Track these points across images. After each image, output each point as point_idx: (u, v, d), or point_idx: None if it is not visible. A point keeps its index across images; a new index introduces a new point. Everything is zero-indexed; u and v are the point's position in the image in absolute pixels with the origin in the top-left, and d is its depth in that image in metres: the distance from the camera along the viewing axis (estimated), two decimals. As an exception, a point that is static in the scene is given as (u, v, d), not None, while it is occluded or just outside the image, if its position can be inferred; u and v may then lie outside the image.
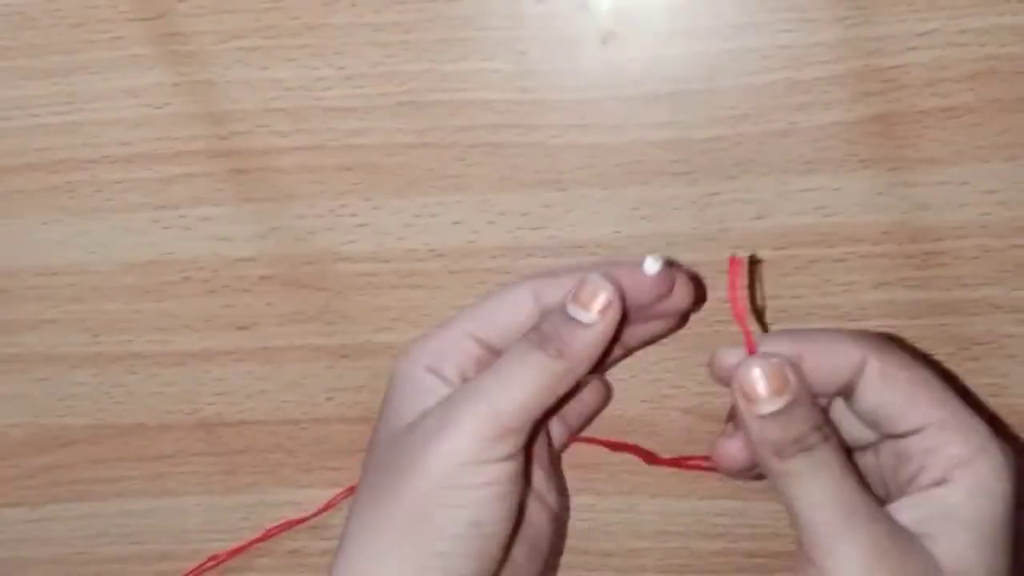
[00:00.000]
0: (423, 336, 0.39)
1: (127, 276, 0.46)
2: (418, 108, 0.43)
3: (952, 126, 0.41)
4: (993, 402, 0.44)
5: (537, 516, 0.40)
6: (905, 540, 0.32)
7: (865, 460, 0.37)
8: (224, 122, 0.44)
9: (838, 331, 0.36)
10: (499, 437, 0.34)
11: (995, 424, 0.44)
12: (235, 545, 0.47)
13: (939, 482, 0.33)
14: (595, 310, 0.35)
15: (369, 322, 0.45)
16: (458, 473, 0.34)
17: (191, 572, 0.48)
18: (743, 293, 0.41)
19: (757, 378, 0.33)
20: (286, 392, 0.46)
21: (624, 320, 0.36)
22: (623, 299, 0.36)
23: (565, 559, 0.46)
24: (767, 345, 0.35)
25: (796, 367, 0.34)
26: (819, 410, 0.34)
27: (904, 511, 0.33)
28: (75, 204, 0.45)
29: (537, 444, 0.41)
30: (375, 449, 0.37)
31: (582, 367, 0.36)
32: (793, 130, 0.42)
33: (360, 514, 0.36)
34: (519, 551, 0.38)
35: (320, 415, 0.46)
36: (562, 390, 0.36)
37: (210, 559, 0.47)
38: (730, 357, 0.35)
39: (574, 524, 0.46)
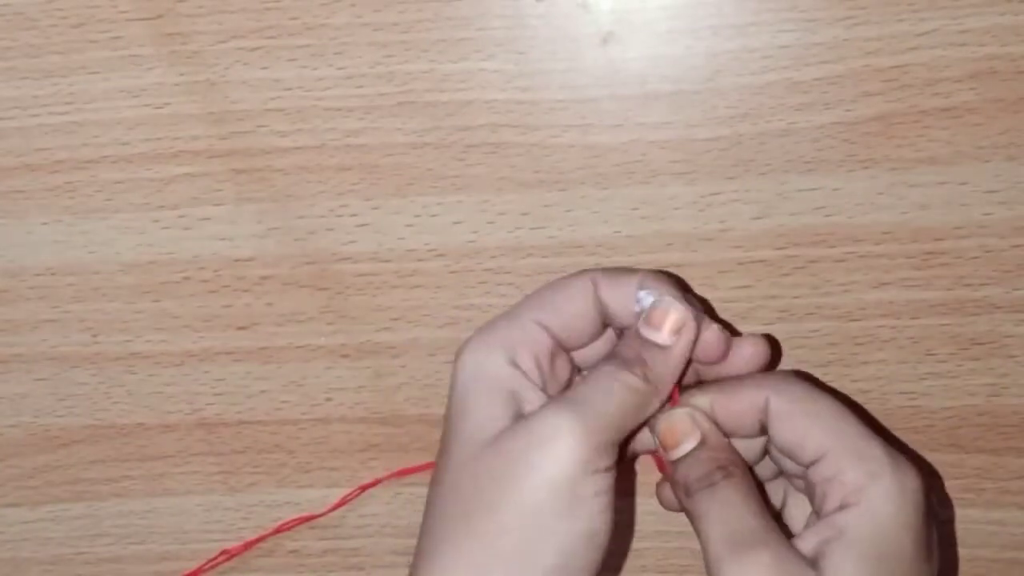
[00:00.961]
0: (489, 327, 0.37)
1: (127, 276, 0.46)
2: (418, 108, 0.43)
3: (952, 126, 0.41)
4: (993, 402, 0.44)
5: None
6: (797, 565, 0.33)
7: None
8: (224, 122, 0.44)
9: (745, 377, 0.38)
10: (604, 448, 0.35)
11: (993, 425, 0.44)
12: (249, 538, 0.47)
13: (839, 508, 0.34)
14: (668, 331, 0.36)
15: (369, 322, 0.45)
16: (570, 481, 0.34)
17: (204, 566, 0.48)
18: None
19: (673, 426, 0.37)
20: (286, 392, 0.46)
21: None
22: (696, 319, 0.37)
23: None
24: (686, 398, 0.38)
25: (703, 415, 0.37)
26: (726, 451, 0.37)
27: (809, 538, 0.34)
28: (75, 204, 0.45)
29: None
30: (461, 451, 0.35)
31: (666, 389, 0.37)
32: (793, 130, 0.42)
33: (449, 526, 0.35)
34: None
35: (320, 415, 0.46)
36: (651, 411, 0.37)
37: (221, 553, 0.47)
38: (658, 417, 0.37)
39: (574, 524, 0.46)
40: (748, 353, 0.38)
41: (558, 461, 0.34)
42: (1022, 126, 0.41)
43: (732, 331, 0.39)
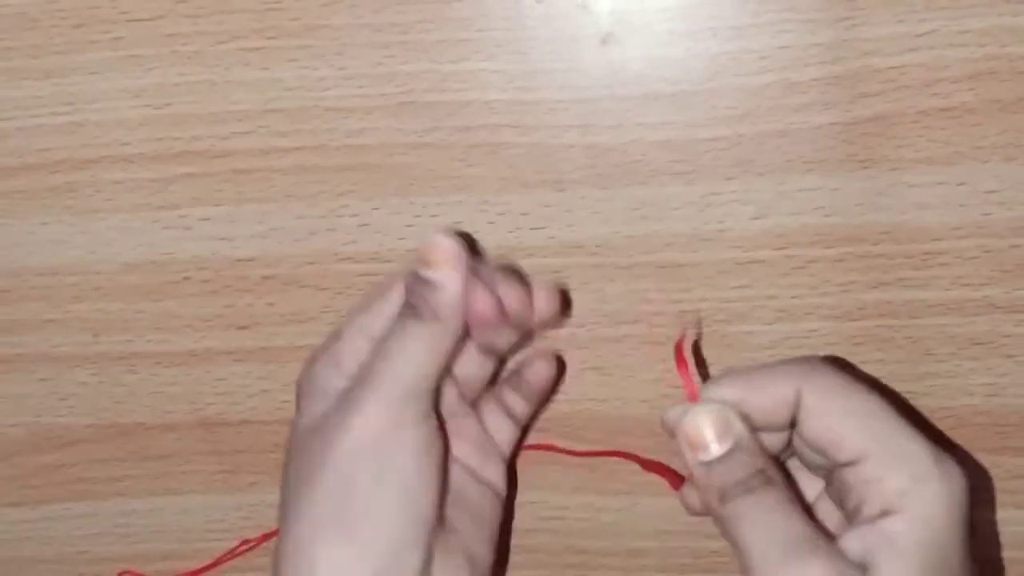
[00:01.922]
0: (319, 346, 0.40)
1: (128, 276, 0.46)
2: (418, 108, 0.43)
3: (951, 126, 0.41)
4: (992, 402, 0.44)
5: (484, 498, 0.41)
6: (849, 573, 0.32)
7: (828, 487, 0.37)
8: (225, 122, 0.44)
9: (776, 365, 0.36)
10: (407, 403, 0.37)
11: (992, 424, 0.44)
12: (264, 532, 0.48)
13: (882, 514, 0.33)
14: (442, 264, 0.37)
15: (369, 322, 0.45)
16: (374, 445, 0.36)
17: (223, 557, 0.48)
18: (688, 355, 0.43)
19: (701, 425, 0.35)
20: (287, 392, 0.46)
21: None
22: (466, 249, 0.38)
23: (565, 559, 0.46)
24: (709, 391, 0.36)
25: (738, 412, 0.35)
26: (763, 453, 0.35)
27: (851, 543, 0.33)
28: (76, 204, 0.45)
29: (460, 419, 0.42)
30: (292, 444, 0.39)
31: (457, 322, 0.38)
32: (792, 130, 0.42)
33: (286, 509, 0.38)
34: (457, 517, 0.39)
35: (320, 415, 0.47)
36: (449, 349, 0.38)
37: (242, 543, 0.47)
38: (677, 413, 0.36)
39: (574, 524, 0.46)
40: (540, 302, 0.39)
41: (357, 425, 0.36)
42: (1021, 127, 0.41)
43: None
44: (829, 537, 0.34)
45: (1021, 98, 0.41)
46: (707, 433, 0.35)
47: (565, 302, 0.44)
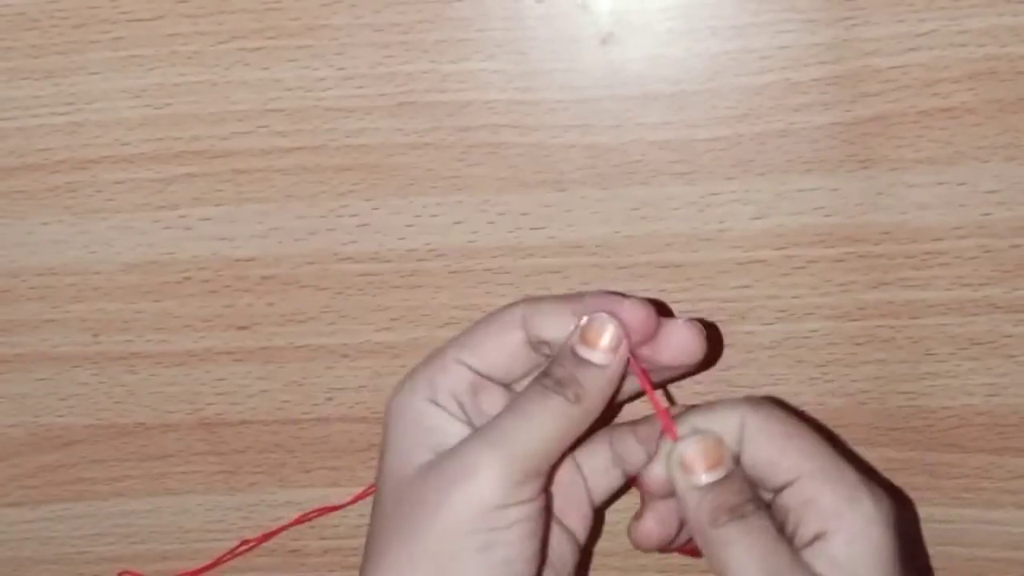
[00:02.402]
0: (413, 370, 0.38)
1: (128, 276, 0.46)
2: (418, 108, 0.43)
3: (951, 126, 0.41)
4: (992, 402, 0.44)
5: (562, 546, 0.40)
6: None
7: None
8: (225, 122, 0.44)
9: (720, 401, 0.37)
10: (523, 481, 0.35)
11: (992, 424, 0.44)
12: (265, 532, 0.48)
13: (817, 535, 0.34)
14: (603, 349, 0.36)
15: (369, 322, 0.45)
16: (485, 516, 0.34)
17: (223, 557, 0.48)
18: (659, 395, 0.43)
19: (699, 452, 0.35)
20: (287, 392, 0.46)
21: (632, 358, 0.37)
22: (629, 336, 0.36)
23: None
24: (689, 422, 0.36)
25: (724, 442, 0.36)
26: (749, 482, 0.36)
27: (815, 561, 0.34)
28: (76, 204, 0.45)
29: (564, 475, 0.40)
30: (387, 487, 0.37)
31: (598, 408, 0.36)
32: (792, 130, 0.42)
33: (379, 557, 0.36)
34: None
35: (320, 415, 0.47)
36: (580, 432, 0.36)
37: (242, 543, 0.47)
38: (658, 466, 0.36)
39: (574, 524, 0.46)
40: (681, 337, 0.37)
41: (473, 498, 0.34)
42: (1021, 126, 0.41)
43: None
44: None
45: (1021, 98, 0.41)
46: (704, 459, 0.35)
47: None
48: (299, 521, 0.47)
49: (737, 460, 0.36)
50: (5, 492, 0.48)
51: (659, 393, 0.43)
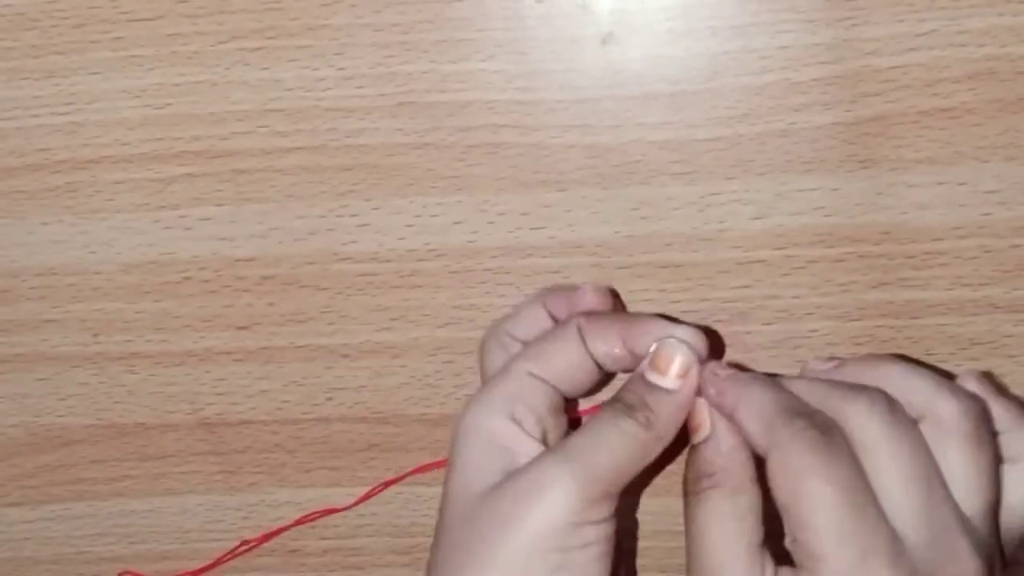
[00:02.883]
0: (486, 387, 0.37)
1: (128, 276, 0.46)
2: (418, 108, 0.43)
3: (951, 126, 0.41)
4: (992, 402, 0.44)
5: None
6: None
7: None
8: (225, 122, 0.44)
9: (767, 401, 0.35)
10: (597, 500, 0.34)
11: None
12: (262, 533, 0.48)
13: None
14: (674, 375, 0.36)
15: (369, 322, 0.45)
16: (559, 535, 0.34)
17: (223, 557, 0.48)
18: None
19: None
20: (287, 392, 0.46)
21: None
22: (700, 362, 0.36)
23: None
24: (744, 383, 0.35)
25: (723, 419, 0.35)
26: (719, 460, 0.35)
27: None
28: (76, 204, 0.45)
29: None
30: (455, 507, 0.36)
31: (670, 434, 0.36)
32: (792, 130, 0.42)
33: (456, 569, 0.35)
34: None
35: (320, 415, 0.47)
36: (653, 456, 0.36)
37: (241, 544, 0.47)
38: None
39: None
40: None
41: (546, 516, 0.34)
42: (1021, 126, 0.41)
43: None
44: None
45: (1021, 98, 0.41)
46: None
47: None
48: (300, 522, 0.47)
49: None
50: (5, 492, 0.48)
51: None
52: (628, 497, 0.46)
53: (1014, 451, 0.35)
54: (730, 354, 0.44)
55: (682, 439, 0.37)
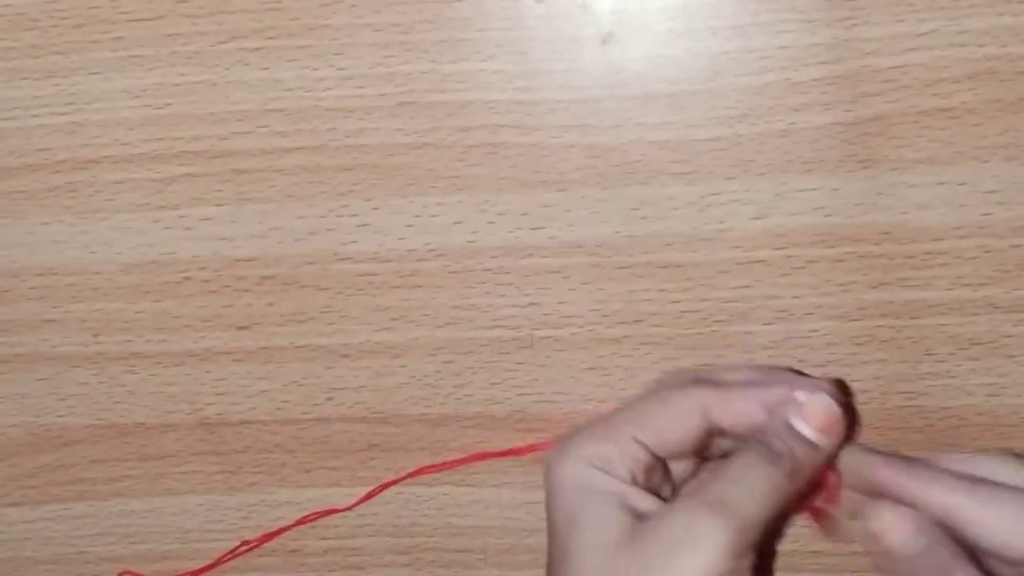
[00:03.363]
0: (580, 437, 0.36)
1: (128, 276, 0.46)
2: (418, 108, 0.43)
3: (951, 126, 0.41)
4: (992, 402, 0.44)
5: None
6: None
7: None
8: (225, 122, 0.44)
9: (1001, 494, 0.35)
10: (745, 552, 0.33)
11: (992, 425, 0.44)
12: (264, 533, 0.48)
13: None
14: (823, 429, 0.35)
15: (369, 322, 0.45)
16: None
17: (223, 557, 0.48)
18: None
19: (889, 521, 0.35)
20: (287, 392, 0.46)
21: None
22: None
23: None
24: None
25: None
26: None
27: None
28: (76, 204, 0.45)
29: None
30: (587, 562, 0.34)
31: (800, 487, 0.35)
32: (792, 130, 0.42)
33: None
34: None
35: (321, 415, 0.47)
36: (784, 508, 0.35)
37: (241, 544, 0.47)
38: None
39: (574, 524, 0.46)
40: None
41: (700, 565, 0.32)
42: (1021, 126, 0.41)
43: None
44: None
45: (1021, 98, 0.41)
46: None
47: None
48: (300, 522, 0.47)
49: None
50: (5, 492, 0.48)
51: None
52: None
53: None
54: (730, 354, 0.44)
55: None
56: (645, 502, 0.35)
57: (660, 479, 0.37)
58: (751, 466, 0.34)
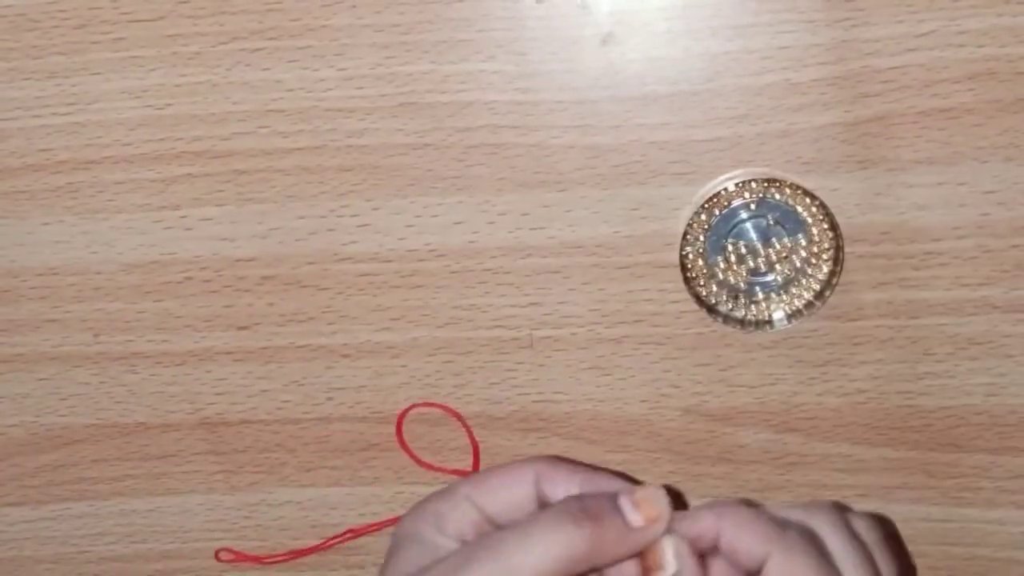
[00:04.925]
0: (425, 499, 0.38)
1: (129, 276, 0.46)
2: (418, 109, 0.43)
3: (951, 127, 0.42)
4: (991, 402, 0.44)
5: None
6: None
7: None
8: (226, 123, 0.44)
9: (758, 515, 0.35)
10: None
11: (991, 424, 0.44)
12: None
13: None
14: (645, 517, 0.35)
15: (369, 322, 0.45)
16: None
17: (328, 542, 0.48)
18: None
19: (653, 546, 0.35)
20: (287, 392, 0.47)
21: None
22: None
23: None
24: (690, 519, 0.35)
25: (684, 547, 0.35)
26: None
27: None
28: (77, 204, 0.45)
29: None
30: None
31: (606, 559, 0.35)
32: (792, 131, 0.42)
33: None
34: None
35: (321, 414, 0.47)
36: (580, 570, 0.34)
37: (347, 532, 0.48)
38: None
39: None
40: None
41: None
42: (1020, 127, 0.41)
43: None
44: None
45: (1020, 98, 0.41)
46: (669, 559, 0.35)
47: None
48: (361, 532, 0.47)
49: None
50: (6, 491, 0.48)
51: None
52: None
53: None
54: (729, 354, 0.44)
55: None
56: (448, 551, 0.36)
57: None
58: (548, 516, 0.34)
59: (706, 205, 0.42)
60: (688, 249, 0.43)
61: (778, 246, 0.43)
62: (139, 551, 0.49)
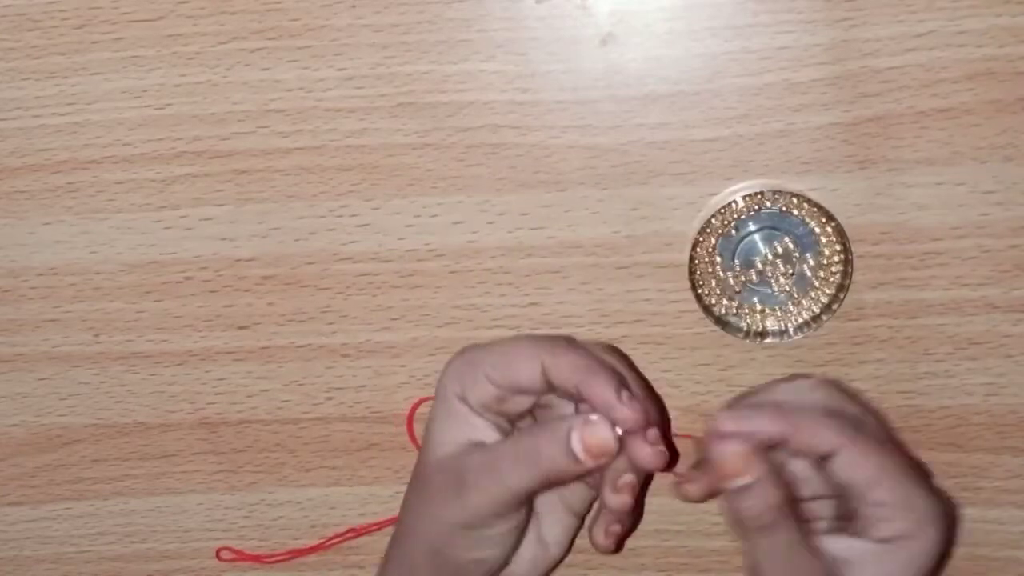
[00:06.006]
0: (457, 359, 0.40)
1: (129, 276, 0.46)
2: (418, 109, 0.43)
3: (950, 127, 0.42)
4: (990, 401, 0.44)
5: (539, 555, 0.42)
6: None
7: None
8: (225, 123, 0.44)
9: (820, 416, 0.39)
10: (509, 508, 0.39)
11: (991, 424, 0.44)
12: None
13: (883, 541, 0.37)
14: (591, 455, 0.38)
15: (369, 322, 0.45)
16: (477, 521, 0.39)
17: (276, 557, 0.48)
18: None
19: (730, 456, 0.37)
20: (287, 391, 0.47)
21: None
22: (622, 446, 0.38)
23: (566, 558, 0.46)
24: (754, 421, 0.38)
25: (763, 453, 0.37)
26: (781, 492, 0.37)
27: (844, 544, 0.38)
28: (77, 204, 0.45)
29: (556, 501, 0.42)
30: (425, 465, 0.41)
31: (567, 482, 0.39)
32: (791, 131, 0.42)
33: (402, 521, 0.41)
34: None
35: (320, 414, 0.47)
36: (565, 482, 0.39)
37: (349, 531, 0.48)
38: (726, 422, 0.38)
39: (574, 523, 0.46)
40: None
41: (465, 508, 0.39)
42: (1019, 127, 0.41)
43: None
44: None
45: (1019, 98, 0.41)
46: (732, 465, 0.37)
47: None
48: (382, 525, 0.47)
49: (824, 465, 0.38)
50: (6, 491, 0.48)
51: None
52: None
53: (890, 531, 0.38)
54: (728, 354, 0.44)
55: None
56: (484, 432, 0.40)
57: (515, 405, 0.40)
58: (536, 436, 0.39)
59: (717, 217, 0.42)
60: (697, 262, 0.43)
61: (784, 265, 0.43)
62: (139, 551, 0.49)
